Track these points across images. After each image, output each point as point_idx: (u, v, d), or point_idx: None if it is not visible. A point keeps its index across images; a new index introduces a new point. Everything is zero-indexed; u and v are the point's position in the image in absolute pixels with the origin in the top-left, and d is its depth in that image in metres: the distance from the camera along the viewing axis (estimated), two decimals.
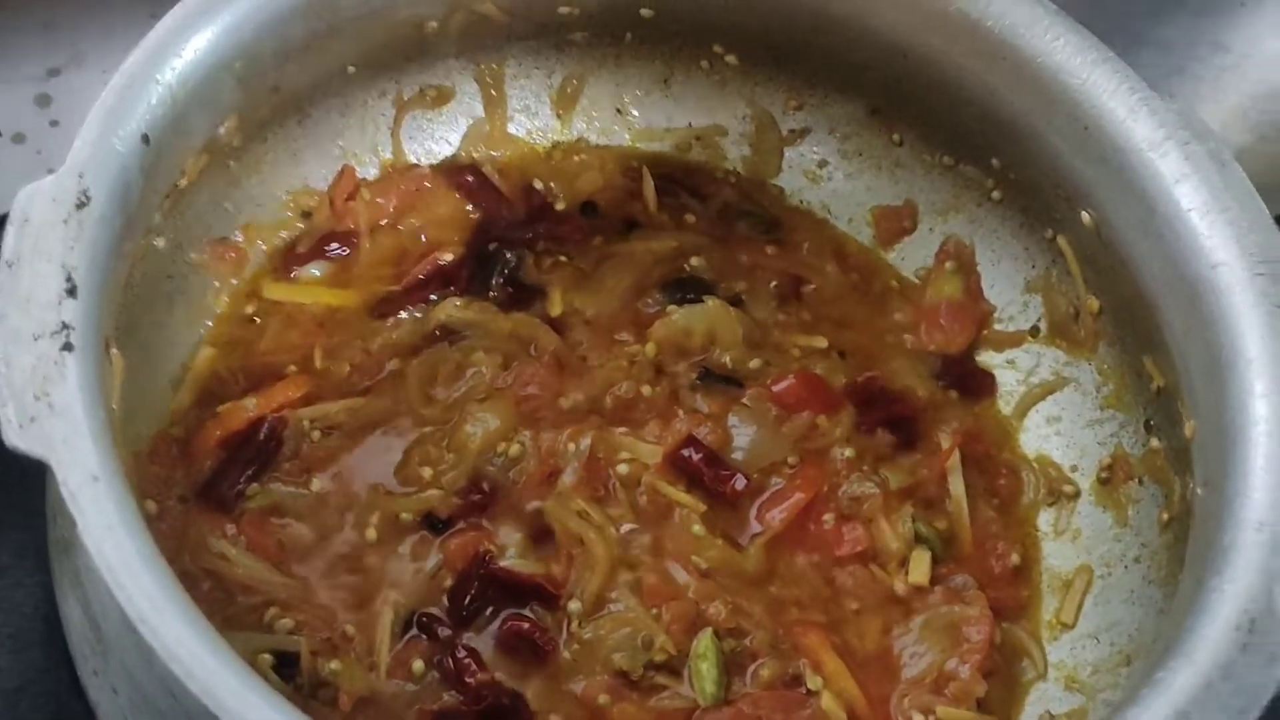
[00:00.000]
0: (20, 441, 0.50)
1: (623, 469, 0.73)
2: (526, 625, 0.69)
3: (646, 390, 0.76)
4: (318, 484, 0.71)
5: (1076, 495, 0.77)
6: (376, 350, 0.76)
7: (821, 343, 0.80)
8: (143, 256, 0.67)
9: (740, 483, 0.74)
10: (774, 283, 0.82)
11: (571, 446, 0.73)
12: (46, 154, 0.88)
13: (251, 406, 0.72)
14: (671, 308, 0.78)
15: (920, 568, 0.73)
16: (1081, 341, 0.79)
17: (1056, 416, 0.79)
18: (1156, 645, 0.62)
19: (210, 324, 0.74)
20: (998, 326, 0.82)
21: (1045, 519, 0.77)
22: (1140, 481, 0.74)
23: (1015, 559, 0.75)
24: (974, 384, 0.81)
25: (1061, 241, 0.77)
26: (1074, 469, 0.78)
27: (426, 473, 0.72)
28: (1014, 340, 0.81)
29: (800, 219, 0.85)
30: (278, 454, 0.72)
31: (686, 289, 0.80)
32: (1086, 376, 0.79)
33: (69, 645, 0.61)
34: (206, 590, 0.68)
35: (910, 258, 0.84)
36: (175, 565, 0.65)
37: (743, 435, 0.76)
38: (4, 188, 0.61)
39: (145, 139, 0.59)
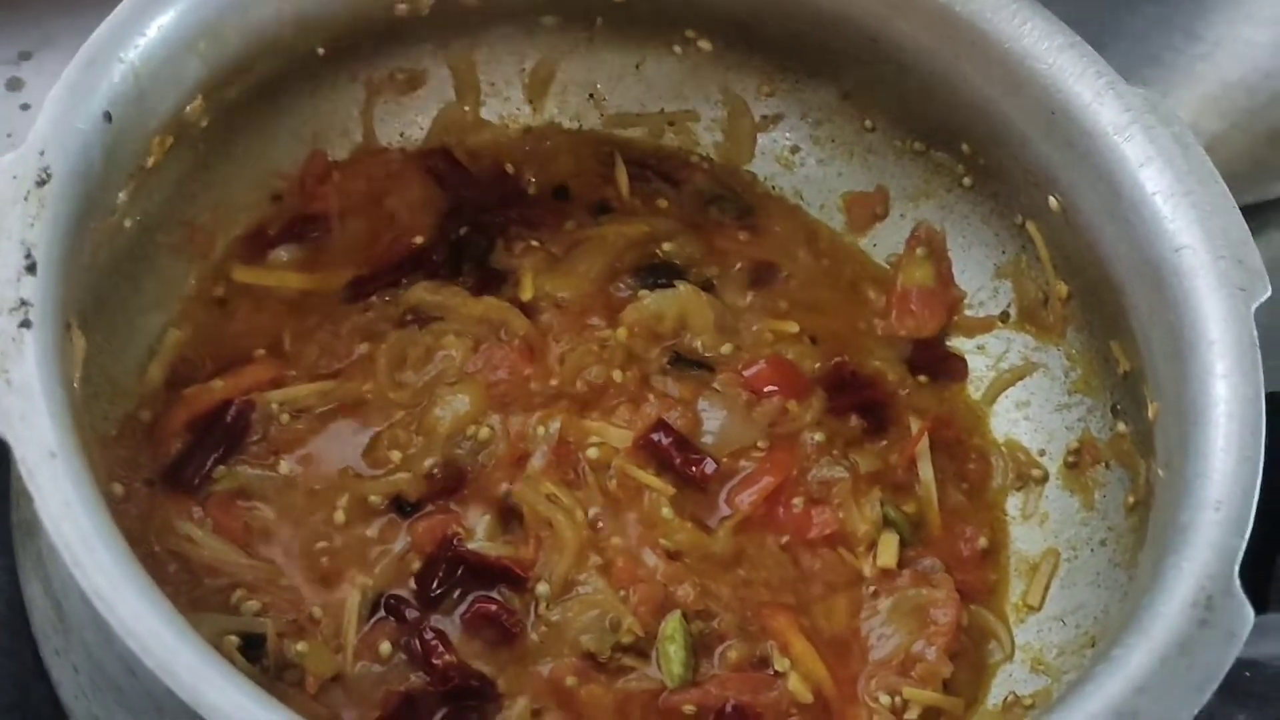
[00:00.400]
0: None
1: (592, 453, 0.74)
2: (494, 607, 0.69)
3: (617, 375, 0.76)
4: (286, 467, 0.71)
5: (1044, 479, 0.77)
6: (346, 333, 0.75)
7: (793, 328, 0.80)
8: (109, 237, 0.66)
9: (710, 466, 0.74)
10: (746, 268, 0.82)
11: (541, 430, 0.73)
12: (17, 137, 0.88)
13: (219, 389, 0.72)
14: (643, 292, 0.78)
15: (888, 551, 0.73)
16: (1050, 327, 0.79)
17: (1025, 401, 0.79)
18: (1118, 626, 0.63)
19: (178, 306, 0.74)
20: (968, 312, 0.82)
21: (1013, 503, 0.78)
22: (1107, 465, 0.74)
23: (983, 542, 0.76)
24: (944, 369, 0.81)
25: (1031, 227, 0.78)
26: (1042, 453, 0.78)
27: (395, 456, 0.72)
28: (984, 326, 0.81)
29: (772, 205, 0.85)
30: (245, 436, 0.72)
31: (658, 274, 0.80)
32: (1055, 361, 0.79)
33: (31, 626, 0.61)
34: (173, 572, 0.68)
35: (882, 244, 0.84)
36: (141, 547, 0.66)
37: (713, 419, 0.76)
38: None
39: (107, 116, 0.59)
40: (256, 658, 0.66)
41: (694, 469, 0.74)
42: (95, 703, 0.57)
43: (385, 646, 0.68)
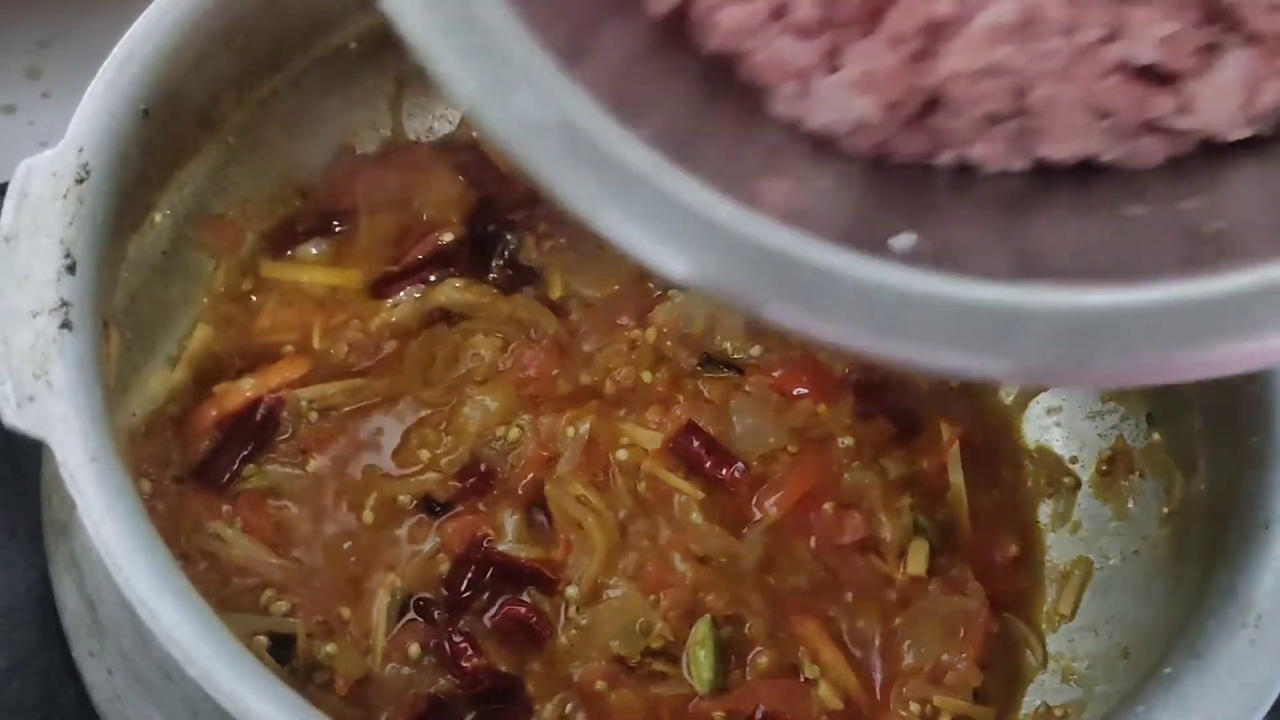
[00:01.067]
0: (19, 421, 0.50)
1: (622, 454, 0.73)
2: (524, 610, 0.69)
3: (647, 376, 0.75)
4: (315, 465, 0.71)
5: (1076, 487, 0.77)
6: (375, 331, 0.75)
7: None
8: (140, 233, 0.66)
9: (740, 470, 0.73)
10: None
11: (571, 431, 0.73)
12: (40, 126, 0.87)
13: (248, 386, 0.71)
14: (673, 292, 0.78)
15: (919, 558, 0.73)
16: None
17: (1057, 407, 0.79)
18: (1156, 639, 0.62)
19: (207, 302, 0.74)
20: None
21: (1045, 510, 0.77)
22: (1141, 474, 0.74)
23: (1014, 550, 0.75)
24: None
25: None
26: (1074, 460, 0.77)
27: (424, 455, 0.72)
28: None
29: None
30: (274, 435, 0.71)
31: None
32: None
33: (63, 626, 0.60)
34: (202, 571, 0.67)
35: None
36: (171, 547, 0.65)
37: (743, 422, 0.75)
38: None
39: (145, 113, 0.58)
40: (286, 659, 0.66)
41: (724, 472, 0.73)
42: (130, 706, 0.57)
43: (414, 648, 0.67)
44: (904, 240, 0.39)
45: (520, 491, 0.72)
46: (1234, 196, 0.42)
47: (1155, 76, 0.41)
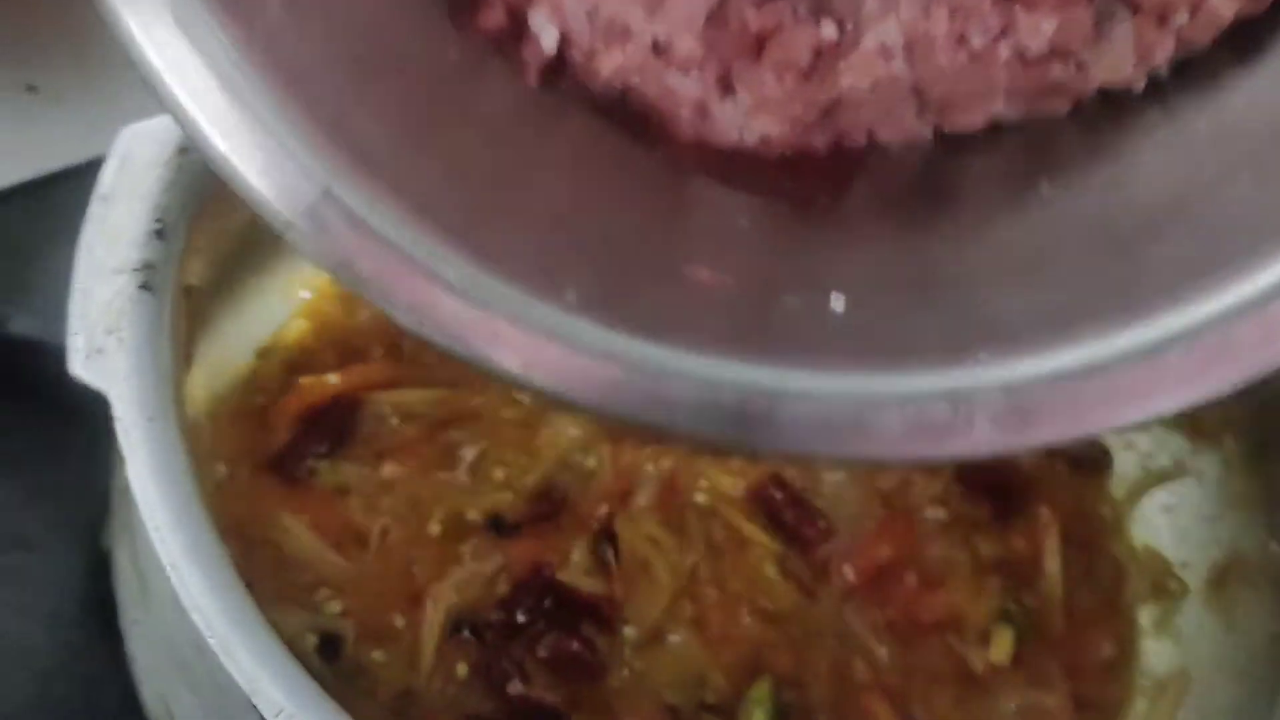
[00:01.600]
0: (84, 371, 0.50)
1: (700, 498, 0.71)
2: (578, 644, 0.67)
3: None
4: (388, 470, 0.70)
5: (1183, 593, 0.72)
6: None
7: None
8: (246, 218, 0.66)
9: (822, 528, 0.70)
10: None
11: (650, 467, 0.71)
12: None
13: (334, 383, 0.71)
14: None
15: (1002, 645, 0.69)
16: (1210, 430, 0.73)
17: (1171, 507, 0.74)
18: None
19: (307, 296, 0.74)
20: None
21: (1146, 614, 0.72)
22: (1256, 587, 0.68)
23: (1108, 651, 0.70)
24: (1086, 459, 0.76)
25: None
26: (1184, 565, 0.72)
27: (499, 474, 0.71)
28: None
29: None
30: (353, 435, 0.71)
31: None
32: (1210, 469, 0.73)
33: (114, 591, 0.61)
34: (263, 560, 0.67)
35: None
36: (236, 531, 0.65)
37: (831, 479, 0.72)
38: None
39: None
40: (333, 658, 0.65)
41: (805, 529, 0.70)
42: (163, 680, 0.56)
43: (462, 667, 0.66)
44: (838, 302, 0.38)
45: (591, 523, 0.70)
46: (1142, 166, 0.42)
47: (1051, 54, 0.42)
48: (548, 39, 0.42)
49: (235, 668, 0.46)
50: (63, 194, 0.73)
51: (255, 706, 0.46)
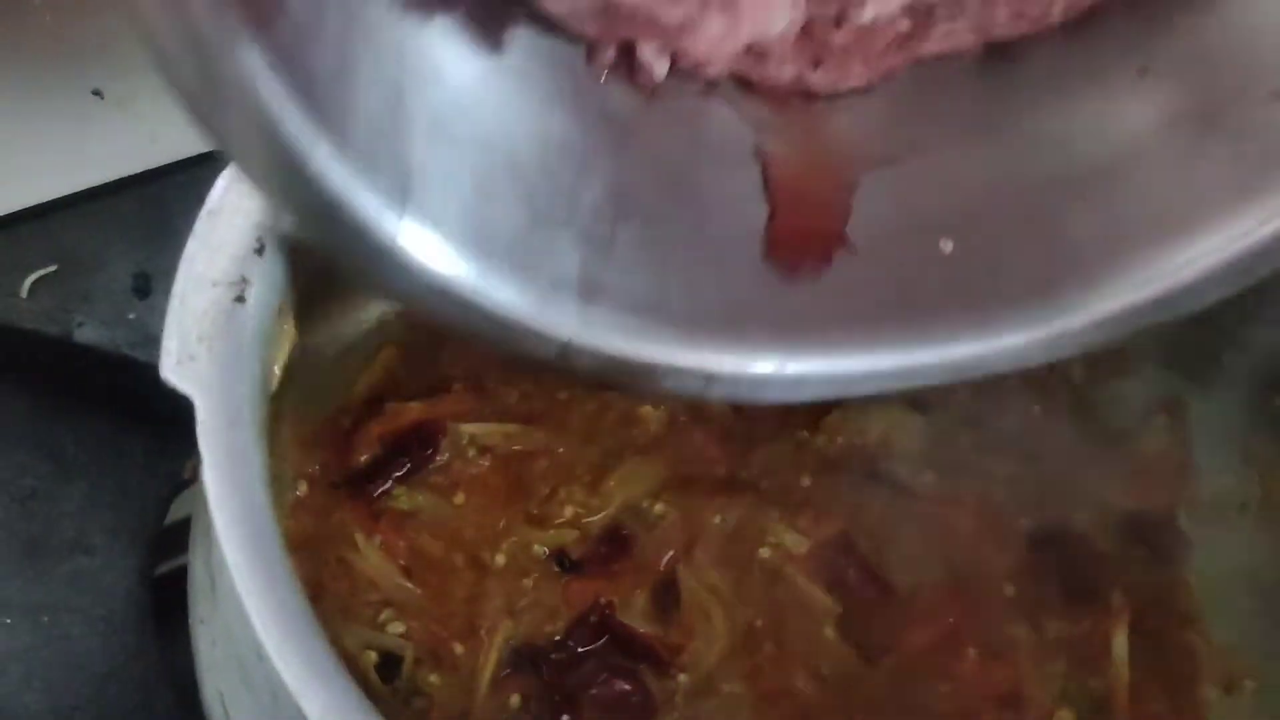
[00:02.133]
0: (173, 376, 0.52)
1: (765, 552, 0.71)
2: (631, 685, 0.67)
3: (806, 479, 0.73)
4: (461, 499, 0.72)
5: (1257, 692, 0.69)
6: (548, 382, 0.76)
7: (1005, 469, 0.75)
8: None
9: (886, 594, 0.70)
10: (965, 398, 0.78)
11: (718, 519, 0.71)
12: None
13: (415, 409, 0.73)
14: (849, 401, 0.76)
15: None
16: None
17: (1251, 609, 0.72)
18: None
19: (398, 324, 0.76)
20: (1204, 493, 0.75)
21: (1216, 712, 0.70)
22: None
23: None
24: (1166, 547, 0.74)
25: None
26: (1266, 658, 0.70)
27: (569, 511, 0.72)
28: (1218, 511, 0.74)
29: None
30: (430, 461, 0.73)
31: None
32: None
33: (188, 589, 0.63)
34: (333, 577, 0.69)
35: (1121, 401, 0.78)
36: (310, 548, 0.67)
37: (901, 546, 0.72)
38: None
39: None
40: (391, 678, 0.66)
41: (868, 593, 0.70)
42: (222, 679, 0.58)
43: (515, 699, 0.67)
44: None
45: (654, 568, 0.70)
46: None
47: None
48: (659, 68, 0.46)
49: (287, 671, 0.47)
50: (128, 202, 0.75)
51: (303, 711, 0.47)
